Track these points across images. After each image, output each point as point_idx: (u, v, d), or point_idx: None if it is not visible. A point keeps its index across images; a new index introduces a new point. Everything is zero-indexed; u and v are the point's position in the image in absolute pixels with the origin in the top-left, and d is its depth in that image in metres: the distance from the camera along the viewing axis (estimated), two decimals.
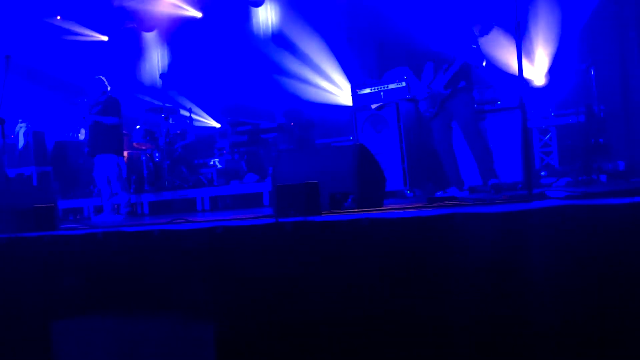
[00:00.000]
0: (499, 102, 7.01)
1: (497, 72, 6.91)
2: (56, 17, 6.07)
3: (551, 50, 7.68)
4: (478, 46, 5.66)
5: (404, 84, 7.18)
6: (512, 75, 7.01)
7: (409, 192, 6.95)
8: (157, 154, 9.34)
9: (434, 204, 3.85)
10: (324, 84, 9.66)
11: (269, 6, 10.41)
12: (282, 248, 3.37)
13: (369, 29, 9.08)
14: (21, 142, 9.66)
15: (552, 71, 7.52)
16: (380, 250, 3.00)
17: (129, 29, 11.45)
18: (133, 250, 3.86)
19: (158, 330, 3.55)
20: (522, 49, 3.88)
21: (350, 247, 3.08)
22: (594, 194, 3.65)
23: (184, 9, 10.84)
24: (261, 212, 6.47)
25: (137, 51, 11.58)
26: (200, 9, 10.86)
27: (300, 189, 3.65)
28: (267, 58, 10.10)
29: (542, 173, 7.12)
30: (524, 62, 4.00)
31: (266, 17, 10.47)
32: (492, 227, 3.01)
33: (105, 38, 11.82)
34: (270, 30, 10.39)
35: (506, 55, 7.18)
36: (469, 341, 2.76)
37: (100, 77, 7.72)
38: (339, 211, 3.83)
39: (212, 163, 9.41)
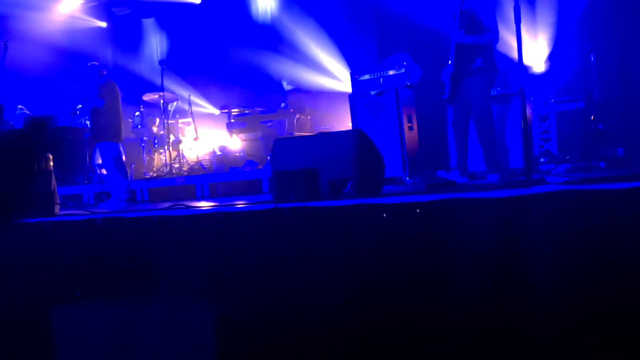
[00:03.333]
0: (498, 89, 6.99)
1: (502, 56, 6.87)
2: None
3: (551, 37, 7.65)
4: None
5: (403, 70, 7.15)
6: (511, 61, 6.98)
7: (408, 178, 6.94)
8: (156, 140, 9.33)
9: (434, 189, 3.85)
10: (323, 70, 9.62)
11: None
12: (281, 233, 3.38)
13: (368, 15, 9.03)
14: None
15: (551, 57, 7.50)
16: (379, 235, 3.01)
17: (127, 15, 11.38)
18: (133, 236, 3.87)
19: (158, 314, 3.57)
20: (521, 35, 3.87)
21: (349, 232, 3.09)
22: (592, 179, 3.65)
23: None
24: (260, 199, 6.48)
25: (136, 37, 11.51)
26: None
27: (299, 175, 3.67)
28: (266, 44, 10.05)
29: (541, 160, 7.11)
30: (524, 48, 3.98)
31: (265, 2, 10.41)
32: (491, 212, 3.02)
33: (103, 24, 11.76)
34: (269, 16, 10.33)
35: (506, 41, 7.15)
36: (466, 325, 2.78)
37: (94, 62, 7.65)
38: (338, 197, 3.83)
39: (211, 150, 9.40)
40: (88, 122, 9.67)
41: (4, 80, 6.03)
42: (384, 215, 2.88)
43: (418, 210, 2.95)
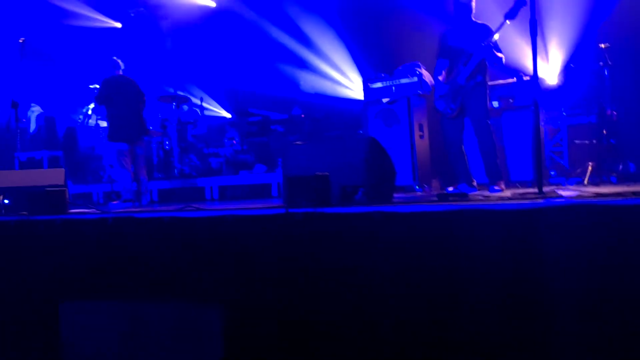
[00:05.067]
0: (511, 100, 6.99)
1: (510, 69, 6.88)
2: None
3: (565, 51, 7.65)
4: (496, 42, 5.62)
5: (415, 79, 7.16)
6: (525, 74, 6.98)
7: (418, 187, 6.95)
8: (167, 142, 9.38)
9: (444, 200, 3.86)
10: (335, 76, 9.65)
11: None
12: (292, 238, 3.39)
13: (381, 23, 9.05)
14: (33, 126, 9.72)
15: (565, 71, 7.49)
16: (391, 244, 3.01)
17: (142, 16, 11.45)
18: (144, 236, 3.89)
19: (166, 314, 3.59)
20: (536, 48, 3.88)
21: (360, 239, 3.10)
22: (605, 194, 3.65)
23: None
24: (270, 203, 6.50)
25: (151, 39, 11.58)
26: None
27: (310, 180, 3.67)
28: (279, 49, 10.09)
29: (552, 172, 7.10)
30: (538, 60, 3.99)
31: (279, 7, 10.44)
32: (502, 224, 3.02)
33: (118, 25, 11.84)
34: (283, 21, 10.36)
35: (520, 53, 7.16)
36: (478, 334, 2.78)
37: (115, 58, 7.71)
38: (350, 204, 3.84)
39: (222, 153, 9.43)
40: (100, 121, 9.77)
41: (19, 78, 6.08)
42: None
43: (430, 220, 2.95)
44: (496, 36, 5.56)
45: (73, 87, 10.75)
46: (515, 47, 7.06)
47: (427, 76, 7.23)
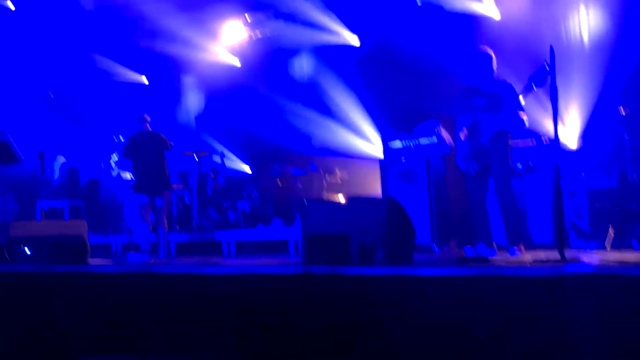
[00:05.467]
0: (531, 163, 6.99)
1: (531, 131, 6.91)
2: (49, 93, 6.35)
3: (584, 113, 7.69)
4: (519, 102, 5.64)
5: (435, 139, 7.20)
6: (545, 136, 7.00)
7: (436, 246, 6.90)
8: (187, 195, 9.47)
9: (465, 263, 3.83)
10: (354, 133, 9.76)
11: (305, 56, 10.64)
12: (311, 298, 3.37)
13: (402, 82, 9.19)
14: (56, 176, 9.89)
15: (585, 135, 7.51)
16: (411, 307, 2.99)
17: (167, 72, 11.76)
18: (162, 291, 3.89)
19: None
20: (557, 111, 3.92)
21: (380, 301, 3.08)
22: (627, 261, 3.60)
23: (223, 56, 11.13)
24: (287, 259, 6.49)
25: (175, 93, 11.85)
26: (239, 56, 11.14)
27: (330, 239, 3.68)
28: (300, 106, 10.26)
29: (572, 236, 7.02)
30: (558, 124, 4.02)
31: (302, 66, 10.68)
32: (524, 290, 2.99)
33: (145, 80, 12.16)
34: (305, 80, 10.58)
35: (539, 115, 7.21)
36: None
37: (144, 115, 7.90)
38: (370, 264, 3.82)
39: (240, 207, 9.48)
40: (122, 173, 9.92)
41: (47, 129, 6.24)
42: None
43: (451, 284, 2.93)
44: (520, 98, 5.58)
45: (98, 138, 10.98)
46: (534, 109, 7.12)
47: (446, 135, 7.28)
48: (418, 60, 8.87)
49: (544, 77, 5.05)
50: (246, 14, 10.55)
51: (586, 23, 7.95)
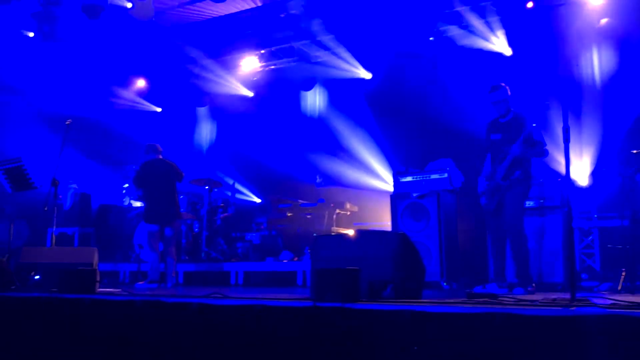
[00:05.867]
0: (541, 200, 6.96)
1: (542, 169, 6.91)
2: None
3: (596, 152, 7.68)
4: (535, 128, 5.65)
5: (446, 174, 7.24)
6: (557, 174, 6.99)
7: (445, 284, 6.86)
8: (196, 225, 9.50)
9: (474, 301, 3.80)
10: (365, 167, 9.79)
11: (318, 90, 10.74)
12: (319, 332, 3.35)
13: (412, 118, 9.25)
14: (68, 203, 9.96)
15: (595, 173, 7.50)
16: (419, 343, 2.96)
17: (181, 103, 11.91)
18: (170, 321, 3.89)
19: None
20: (569, 151, 3.93)
21: (388, 337, 3.06)
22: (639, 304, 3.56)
23: (237, 87, 11.27)
24: (295, 292, 6.46)
25: (188, 123, 11.98)
26: (252, 88, 11.27)
27: (340, 274, 3.67)
28: (312, 139, 10.32)
29: (583, 276, 6.96)
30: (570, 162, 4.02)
31: (314, 100, 10.78)
32: (533, 330, 2.96)
33: (158, 109, 12.31)
34: (317, 114, 10.67)
35: (551, 154, 7.21)
36: None
37: (156, 145, 7.98)
38: (379, 300, 3.80)
39: (249, 238, 9.49)
40: (132, 201, 9.98)
41: (62, 158, 6.32)
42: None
43: (459, 321, 2.91)
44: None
45: (111, 166, 11.08)
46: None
47: (457, 172, 7.31)
48: (430, 95, 8.95)
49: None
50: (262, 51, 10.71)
51: (598, 62, 8.01)
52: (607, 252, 7.00)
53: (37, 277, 5.40)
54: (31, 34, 9.63)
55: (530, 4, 8.29)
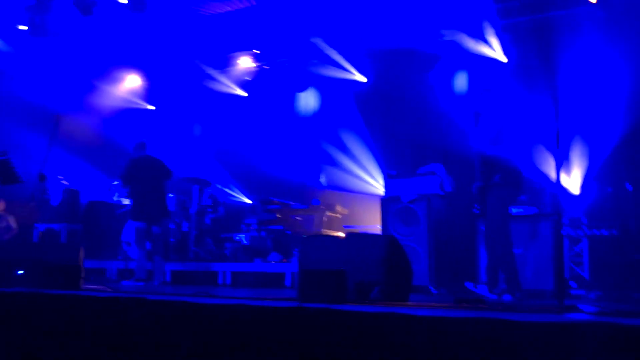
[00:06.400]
0: (532, 207, 6.94)
1: (533, 177, 6.90)
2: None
3: (587, 161, 7.68)
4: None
5: (437, 179, 7.20)
6: (548, 182, 6.97)
7: (434, 289, 6.83)
8: (185, 224, 9.44)
9: (462, 305, 3.77)
10: (357, 170, 9.76)
11: (311, 92, 10.71)
12: (304, 333, 3.31)
13: (404, 123, 9.23)
14: (56, 199, 9.86)
15: (586, 181, 7.49)
16: (404, 346, 2.93)
17: (174, 101, 11.84)
18: (154, 319, 3.83)
19: None
20: (560, 161, 3.91)
21: (374, 340, 3.02)
22: (628, 312, 3.54)
23: (231, 87, 11.22)
24: (282, 293, 6.42)
25: (180, 122, 11.91)
26: (247, 89, 11.23)
27: (327, 275, 3.64)
28: (304, 140, 10.29)
29: (572, 284, 6.95)
30: (561, 170, 4.02)
31: (307, 102, 10.74)
32: (520, 335, 2.93)
33: (152, 107, 12.24)
34: (310, 115, 10.63)
35: (542, 162, 7.21)
36: None
37: (140, 141, 7.92)
38: (365, 302, 3.77)
39: (238, 238, 9.44)
40: (121, 198, 9.90)
41: (50, 152, 6.24)
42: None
43: (445, 325, 2.88)
44: None
45: (101, 162, 11.00)
46: (537, 156, 7.13)
47: (448, 177, 7.29)
48: (422, 100, 8.94)
49: None
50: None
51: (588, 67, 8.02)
52: (597, 260, 7.00)
53: (20, 272, 5.32)
54: (25, 28, 9.54)
55: None
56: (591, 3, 7.82)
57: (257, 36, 10.34)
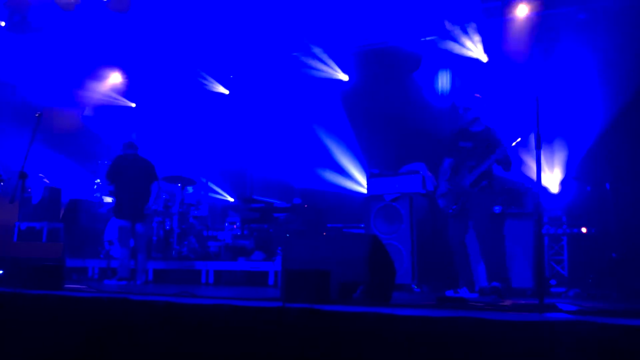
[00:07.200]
0: (512, 207, 7.02)
1: (513, 175, 6.97)
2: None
3: (566, 160, 7.77)
4: (510, 146, 5.73)
5: (419, 177, 7.25)
6: (528, 180, 7.06)
7: (416, 287, 6.88)
8: (168, 222, 9.40)
9: (443, 305, 3.81)
10: (339, 169, 9.78)
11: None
12: (287, 333, 3.33)
13: (388, 122, 9.27)
14: (37, 197, 9.77)
15: (566, 180, 7.58)
16: (387, 346, 2.96)
17: (156, 99, 11.77)
18: (137, 319, 3.83)
19: None
20: (540, 160, 3.97)
21: (356, 340, 3.05)
22: (606, 311, 3.61)
23: (214, 84, 11.18)
24: (265, 292, 6.43)
25: (162, 119, 11.84)
26: (228, 87, 11.19)
27: (310, 275, 3.66)
28: (287, 139, 10.27)
29: (552, 282, 7.04)
30: (541, 170, 4.07)
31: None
32: (500, 334, 2.97)
33: (133, 104, 12.16)
34: (292, 110, 10.60)
35: (523, 160, 7.28)
36: None
37: (132, 140, 7.89)
38: (348, 302, 3.80)
39: (221, 237, 9.42)
40: (103, 197, 9.84)
41: (32, 150, 6.18)
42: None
43: (427, 325, 2.92)
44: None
45: (83, 160, 10.91)
46: (517, 155, 7.18)
47: (430, 176, 7.34)
48: (405, 99, 8.99)
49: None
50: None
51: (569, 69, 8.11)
52: (576, 258, 7.09)
53: (1, 271, 5.28)
54: (2, 24, 9.42)
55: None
56: (573, 5, 7.92)
57: (240, 35, 10.31)
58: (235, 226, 9.53)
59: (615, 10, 7.45)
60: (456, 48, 8.73)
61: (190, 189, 9.77)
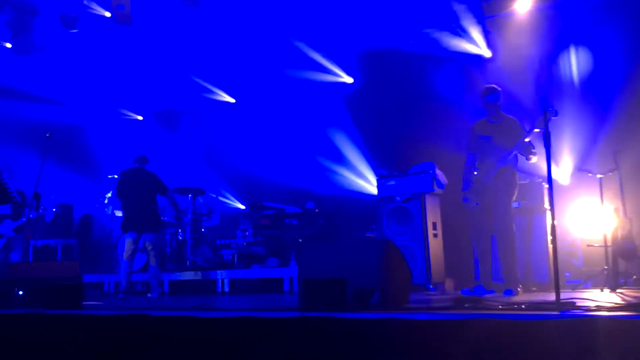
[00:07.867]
0: (524, 201, 6.99)
1: (526, 170, 6.96)
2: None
3: (577, 153, 7.74)
4: (530, 141, 5.72)
5: (430, 177, 7.25)
6: (539, 175, 7.03)
7: (431, 287, 6.88)
8: (181, 233, 9.44)
9: (461, 306, 3.82)
10: (350, 172, 9.79)
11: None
12: (306, 343, 3.35)
13: (397, 123, 9.27)
14: (50, 214, 9.85)
15: (577, 172, 7.56)
16: (406, 351, 2.97)
17: (166, 110, 11.83)
18: (157, 335, 3.86)
19: None
20: (550, 154, 3.97)
21: (376, 346, 3.06)
22: (624, 306, 3.60)
23: (219, 94, 11.22)
24: (281, 299, 6.45)
25: (172, 130, 11.91)
26: (234, 95, 11.23)
27: (326, 284, 3.67)
28: (296, 142, 10.29)
29: (567, 274, 7.03)
30: (552, 162, 4.06)
31: (297, 100, 10.71)
32: (520, 334, 2.98)
33: (140, 117, 12.23)
34: (299, 114, 10.62)
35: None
36: None
37: (144, 155, 7.94)
38: (366, 308, 3.81)
39: (234, 245, 9.45)
40: (115, 211, 9.90)
41: (43, 169, 6.25)
42: None
43: (446, 329, 2.92)
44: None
45: (93, 176, 10.98)
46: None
47: (440, 175, 7.34)
48: (413, 98, 8.99)
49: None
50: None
51: (576, 62, 8.09)
52: (590, 250, 7.06)
53: (20, 292, 5.32)
54: (9, 45, 9.50)
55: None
56: None
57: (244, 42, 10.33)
58: (247, 233, 9.56)
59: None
60: (460, 45, 8.72)
61: (201, 200, 9.81)
